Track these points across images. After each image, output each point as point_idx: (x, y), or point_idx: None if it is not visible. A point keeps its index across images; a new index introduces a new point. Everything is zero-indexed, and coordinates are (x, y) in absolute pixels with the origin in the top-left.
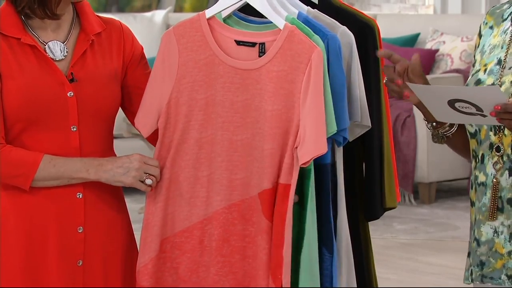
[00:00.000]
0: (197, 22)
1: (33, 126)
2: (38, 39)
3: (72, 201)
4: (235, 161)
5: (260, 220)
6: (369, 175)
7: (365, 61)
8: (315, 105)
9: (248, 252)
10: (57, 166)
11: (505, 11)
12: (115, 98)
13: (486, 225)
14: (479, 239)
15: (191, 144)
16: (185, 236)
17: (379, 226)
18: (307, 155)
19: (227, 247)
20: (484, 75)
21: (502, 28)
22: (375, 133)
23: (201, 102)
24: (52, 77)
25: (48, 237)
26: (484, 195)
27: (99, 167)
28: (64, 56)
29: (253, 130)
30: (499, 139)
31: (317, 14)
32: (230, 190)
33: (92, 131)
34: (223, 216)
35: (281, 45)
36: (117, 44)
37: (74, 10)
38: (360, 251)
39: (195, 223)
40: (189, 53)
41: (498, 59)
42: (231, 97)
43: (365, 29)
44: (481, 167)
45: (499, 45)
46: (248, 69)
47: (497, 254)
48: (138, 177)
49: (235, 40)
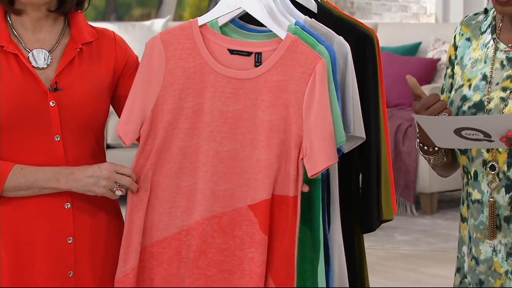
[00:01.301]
0: (188, 29)
1: (17, 135)
2: (24, 47)
3: (60, 212)
4: (219, 172)
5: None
6: (366, 187)
7: (363, 72)
8: (322, 116)
9: (224, 266)
10: (26, 176)
11: (481, 23)
12: (102, 108)
13: (485, 243)
14: (478, 258)
15: (174, 152)
16: (163, 246)
17: (380, 237)
18: (317, 166)
19: (204, 259)
20: (470, 91)
21: (482, 41)
22: (372, 144)
23: (187, 111)
24: (33, 86)
25: (37, 249)
26: (481, 213)
27: (70, 176)
28: (47, 65)
29: (243, 141)
30: (492, 156)
31: (313, 23)
32: (212, 201)
33: (78, 141)
34: (202, 227)
35: (282, 55)
36: (108, 54)
37: (67, 21)
38: (354, 263)
39: (173, 233)
40: (177, 61)
41: (483, 75)
42: (220, 106)
43: (364, 39)
44: (474, 184)
45: (481, 59)
46: (243, 78)
47: (496, 273)
48: (108, 187)
49: (228, 49)
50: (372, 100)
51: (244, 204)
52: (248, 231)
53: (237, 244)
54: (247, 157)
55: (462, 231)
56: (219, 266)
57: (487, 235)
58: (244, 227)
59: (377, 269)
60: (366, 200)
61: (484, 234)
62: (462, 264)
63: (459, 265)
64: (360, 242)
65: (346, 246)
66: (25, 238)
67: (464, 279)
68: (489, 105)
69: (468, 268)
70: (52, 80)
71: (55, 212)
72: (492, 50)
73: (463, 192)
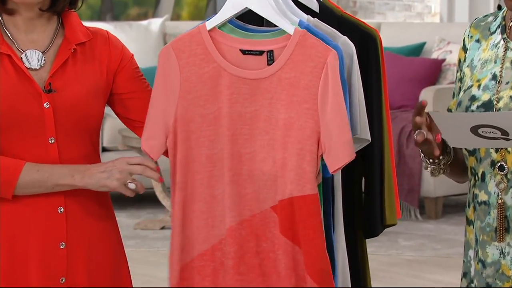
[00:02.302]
0: (198, 35)
1: (11, 137)
2: (17, 48)
3: (53, 216)
4: (243, 175)
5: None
6: (369, 191)
7: (366, 72)
8: (338, 110)
9: (262, 269)
10: (41, 171)
11: (491, 23)
12: (97, 109)
13: (492, 246)
14: (485, 261)
15: (203, 161)
16: (205, 259)
17: (384, 242)
18: (338, 162)
19: (243, 265)
20: (479, 91)
21: (492, 42)
22: (375, 147)
23: (209, 117)
24: (27, 88)
25: (29, 254)
26: (487, 215)
27: (85, 172)
28: (40, 66)
29: (261, 141)
30: (501, 156)
31: (317, 23)
32: (242, 206)
33: (73, 143)
34: (238, 232)
35: (292, 51)
36: (102, 53)
37: (60, 21)
38: (357, 269)
39: (214, 244)
40: (191, 68)
41: (493, 74)
42: (239, 108)
43: (367, 39)
44: (481, 185)
45: (491, 59)
46: (257, 78)
47: (504, 276)
48: (122, 180)
49: (240, 49)
50: (375, 102)
51: (267, 206)
52: (275, 232)
53: (269, 246)
54: (264, 158)
55: (468, 235)
56: (257, 270)
57: (495, 238)
58: (272, 228)
59: (380, 275)
60: (369, 204)
61: (491, 236)
62: (469, 269)
63: (465, 269)
64: (363, 248)
65: (349, 251)
66: (18, 242)
67: (470, 283)
68: (498, 104)
69: (474, 272)
70: (46, 81)
71: (48, 216)
72: (502, 50)
73: (469, 195)
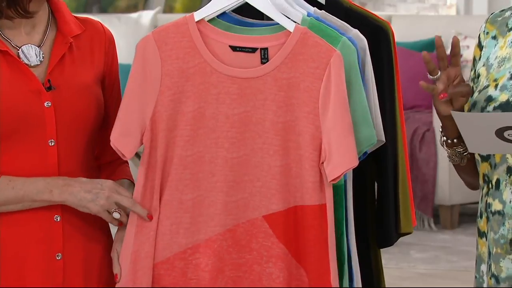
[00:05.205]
0: (184, 25)
1: (7, 140)
2: (11, 43)
3: (49, 226)
4: (230, 182)
5: (268, 247)
6: (382, 197)
7: (378, 68)
8: (341, 114)
9: (243, 283)
10: (16, 188)
11: (508, 19)
12: (98, 106)
13: (506, 259)
14: (498, 276)
15: (175, 163)
16: (165, 268)
17: (395, 254)
18: (337, 169)
19: (222, 278)
20: (496, 91)
21: (510, 39)
22: (389, 149)
23: (187, 116)
24: (27, 86)
25: (25, 266)
26: (502, 226)
27: (64, 187)
28: (40, 61)
29: (253, 145)
30: None
31: (325, 15)
32: (225, 214)
33: (73, 147)
34: (217, 243)
35: (291, 49)
36: (99, 47)
37: (49, 9)
38: (371, 281)
39: (176, 252)
40: (174, 61)
41: (511, 73)
42: (225, 109)
43: (378, 32)
44: (495, 193)
45: (510, 57)
46: (249, 77)
47: None
48: (106, 207)
49: (229, 45)
50: (387, 101)
51: (258, 215)
52: (264, 244)
53: (254, 258)
54: (258, 164)
55: (480, 248)
56: (238, 283)
57: (509, 251)
58: (260, 239)
59: None
60: (382, 212)
61: (505, 249)
62: (481, 284)
63: (478, 285)
64: (377, 258)
65: (362, 263)
66: (11, 255)
67: None
68: None
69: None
70: (44, 78)
71: (44, 225)
72: None
73: (481, 204)
